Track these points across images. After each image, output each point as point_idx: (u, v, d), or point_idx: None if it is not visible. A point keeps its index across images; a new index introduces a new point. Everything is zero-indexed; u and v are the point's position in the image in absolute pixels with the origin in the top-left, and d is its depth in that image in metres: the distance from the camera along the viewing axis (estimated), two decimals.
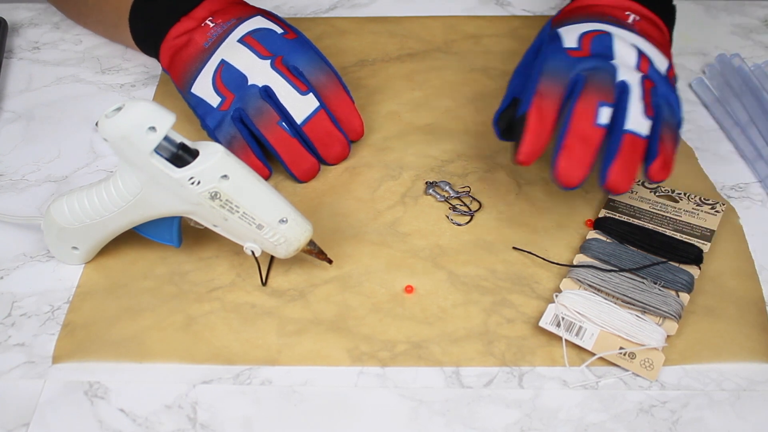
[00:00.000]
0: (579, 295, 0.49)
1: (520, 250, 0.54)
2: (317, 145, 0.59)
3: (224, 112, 0.58)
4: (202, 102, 0.60)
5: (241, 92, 0.58)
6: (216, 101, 0.59)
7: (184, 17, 0.62)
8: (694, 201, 0.57)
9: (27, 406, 0.44)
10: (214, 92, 0.59)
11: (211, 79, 0.59)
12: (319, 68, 0.60)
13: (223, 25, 0.61)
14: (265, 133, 0.57)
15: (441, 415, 0.44)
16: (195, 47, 0.61)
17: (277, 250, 0.49)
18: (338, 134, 0.59)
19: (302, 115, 0.57)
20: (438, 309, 0.50)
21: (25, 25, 0.82)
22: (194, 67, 0.61)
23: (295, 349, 0.47)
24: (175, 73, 0.62)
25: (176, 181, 0.45)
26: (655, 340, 0.46)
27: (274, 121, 0.57)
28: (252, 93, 0.58)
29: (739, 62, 0.73)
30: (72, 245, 0.51)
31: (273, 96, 0.57)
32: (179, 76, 0.62)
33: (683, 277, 0.51)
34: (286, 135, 0.57)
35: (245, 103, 0.57)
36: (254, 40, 0.60)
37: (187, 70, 0.61)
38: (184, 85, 0.61)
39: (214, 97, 0.59)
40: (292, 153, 0.58)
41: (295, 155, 0.58)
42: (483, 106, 0.69)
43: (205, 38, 0.61)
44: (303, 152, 0.58)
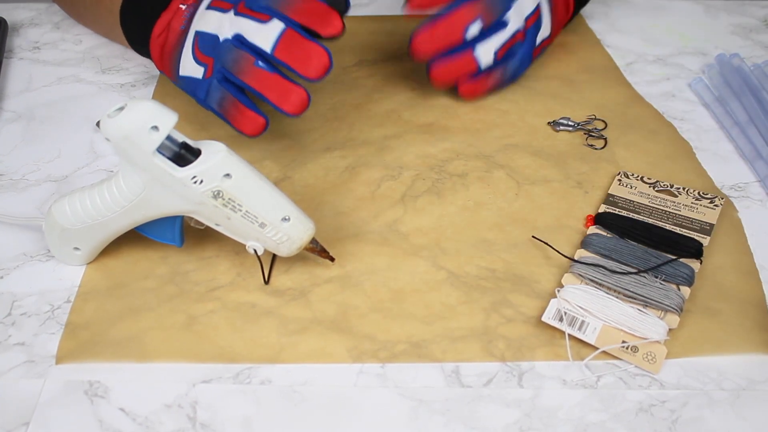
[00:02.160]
0: (581, 289, 0.49)
1: (538, 240, 0.54)
2: (294, 66, 0.55)
3: (209, 78, 0.57)
4: (190, 80, 0.59)
5: (217, 51, 0.57)
6: (200, 72, 0.58)
7: (163, 12, 0.62)
8: (693, 195, 0.58)
9: (27, 405, 0.44)
10: (197, 64, 0.58)
11: (191, 53, 0.59)
12: None
13: (194, 4, 0.61)
14: (245, 79, 0.55)
15: (441, 415, 0.44)
16: (174, 34, 0.61)
17: (279, 249, 0.49)
18: (311, 45, 0.55)
19: (269, 42, 0.54)
20: (438, 308, 0.50)
21: (25, 25, 0.82)
22: (177, 52, 0.60)
23: (296, 348, 0.47)
24: (166, 67, 0.62)
25: (179, 181, 0.46)
26: (657, 334, 0.47)
27: (250, 63, 0.55)
28: (225, 47, 0.56)
29: (739, 62, 0.73)
30: (74, 246, 0.51)
31: (243, 40, 0.56)
32: (169, 68, 0.62)
33: (684, 270, 0.51)
34: (265, 73, 0.55)
35: (222, 59, 0.56)
36: (219, 1, 0.59)
37: (172, 58, 0.61)
38: (174, 73, 0.61)
39: (197, 69, 0.58)
40: (275, 89, 0.55)
41: (280, 90, 0.55)
42: (482, 105, 0.69)
43: (181, 22, 0.60)
44: (287, 85, 0.55)
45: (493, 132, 0.66)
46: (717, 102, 0.70)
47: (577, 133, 0.66)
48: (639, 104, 0.70)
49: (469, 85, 0.59)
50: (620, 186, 0.59)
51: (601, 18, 0.84)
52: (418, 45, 0.56)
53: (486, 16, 0.57)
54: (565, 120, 0.66)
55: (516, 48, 0.60)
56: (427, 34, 0.56)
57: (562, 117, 0.66)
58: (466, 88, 0.59)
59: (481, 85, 0.60)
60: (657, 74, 0.75)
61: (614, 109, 0.69)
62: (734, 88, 0.70)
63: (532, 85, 0.72)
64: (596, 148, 0.64)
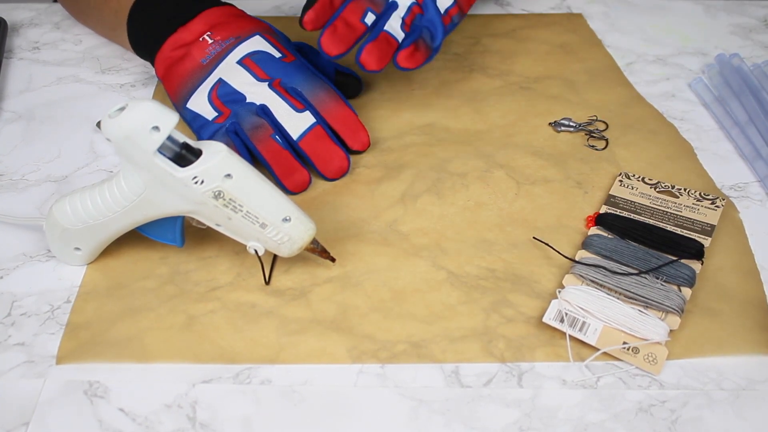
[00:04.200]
0: (582, 290, 0.49)
1: (539, 241, 0.54)
2: (315, 161, 0.58)
3: (220, 124, 0.59)
4: (197, 116, 0.60)
5: (238, 107, 0.59)
6: (212, 115, 0.59)
7: (181, 28, 0.62)
8: (694, 196, 0.58)
9: (27, 405, 0.44)
10: (211, 107, 0.60)
11: (208, 94, 0.60)
12: (317, 86, 0.60)
13: (222, 43, 0.62)
14: (258, 146, 0.57)
15: (440, 415, 0.44)
16: (192, 63, 0.61)
17: (280, 249, 0.49)
18: (336, 149, 0.59)
19: (298, 131, 0.58)
20: (438, 308, 0.50)
21: (25, 25, 0.82)
22: (191, 83, 0.61)
23: (296, 348, 0.47)
24: (170, 85, 0.63)
25: (180, 181, 0.46)
26: (658, 335, 0.47)
27: (267, 134, 0.57)
28: (248, 109, 0.58)
29: (739, 62, 0.73)
30: (75, 246, 0.51)
31: (269, 114, 0.58)
32: (174, 89, 0.62)
33: (685, 271, 0.51)
34: (277, 147, 0.58)
35: (241, 117, 0.58)
36: (253, 63, 0.61)
37: (183, 84, 0.61)
38: (180, 99, 0.62)
39: (210, 112, 0.60)
40: (283, 165, 0.58)
41: (287, 167, 0.58)
42: (483, 105, 0.69)
43: (203, 55, 0.61)
44: (294, 164, 0.58)
45: (494, 132, 0.66)
46: (717, 102, 0.70)
47: (578, 133, 0.66)
48: (639, 104, 0.70)
49: (403, 52, 0.60)
50: (621, 187, 0.59)
51: (601, 18, 0.84)
52: (326, 47, 0.59)
53: (372, 4, 0.61)
54: (566, 121, 0.66)
55: (418, 20, 0.63)
56: (329, 34, 0.59)
57: (564, 118, 0.66)
58: (401, 55, 0.60)
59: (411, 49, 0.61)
60: (657, 74, 0.75)
61: (615, 110, 0.69)
62: (734, 88, 0.70)
63: (533, 85, 0.72)
64: (597, 149, 0.64)
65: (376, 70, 0.60)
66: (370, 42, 0.60)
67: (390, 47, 0.61)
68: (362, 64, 0.60)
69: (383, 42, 0.60)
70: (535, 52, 0.77)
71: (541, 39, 0.80)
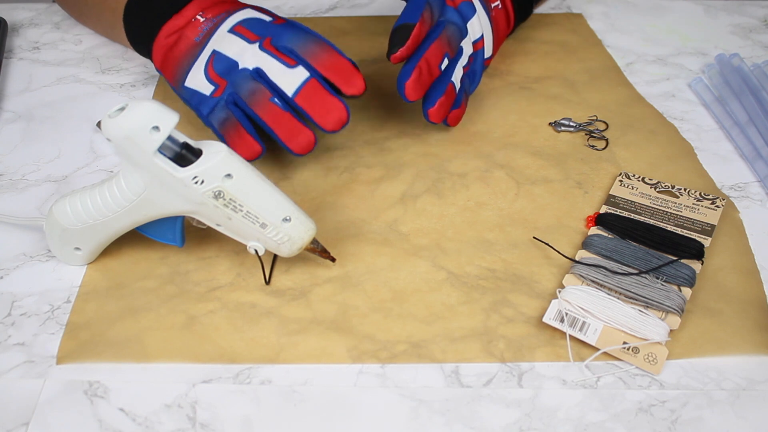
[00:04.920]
0: (582, 290, 0.49)
1: (539, 241, 0.54)
2: (313, 115, 0.57)
3: (218, 98, 0.58)
4: (195, 93, 0.60)
5: (233, 77, 0.58)
6: (209, 89, 0.59)
7: (175, 15, 0.62)
8: (694, 196, 0.58)
9: (27, 405, 0.44)
10: (207, 81, 0.59)
11: (203, 69, 0.60)
12: (308, 40, 0.59)
13: (213, 19, 0.61)
14: (258, 111, 0.57)
15: (441, 415, 0.44)
16: (186, 43, 0.61)
17: (280, 249, 0.49)
18: (333, 99, 0.57)
19: (292, 87, 0.57)
20: (438, 308, 0.50)
21: (25, 25, 0.82)
22: (186, 62, 0.61)
23: (296, 348, 0.47)
24: (168, 70, 0.63)
25: (180, 181, 0.46)
26: (658, 335, 0.47)
27: (266, 98, 0.57)
28: (243, 76, 0.58)
29: (739, 62, 0.73)
30: (75, 246, 0.51)
31: (264, 76, 0.57)
32: (172, 73, 0.62)
33: (685, 271, 0.51)
34: (278, 110, 0.56)
35: (237, 86, 0.58)
36: (244, 29, 0.60)
37: (179, 65, 0.61)
38: (177, 80, 0.61)
39: (207, 87, 0.59)
40: (286, 127, 0.56)
41: (290, 129, 0.56)
42: (482, 105, 0.69)
43: (196, 33, 0.61)
44: (297, 125, 0.57)
45: (494, 132, 0.66)
46: (717, 102, 0.70)
47: (578, 133, 0.66)
48: (640, 104, 0.70)
49: (456, 112, 0.64)
50: (621, 187, 0.59)
51: (601, 18, 0.84)
52: (410, 92, 0.59)
53: (450, 50, 0.62)
54: (566, 121, 0.66)
55: (473, 66, 0.66)
56: (415, 81, 0.59)
57: (564, 118, 0.66)
58: (453, 116, 0.64)
59: (461, 109, 0.64)
60: (657, 74, 0.75)
61: (615, 110, 0.69)
62: (734, 88, 0.70)
63: (533, 85, 0.72)
64: (598, 149, 0.64)
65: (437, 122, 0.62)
66: (443, 95, 0.61)
67: (451, 97, 0.62)
68: (432, 118, 0.61)
69: (449, 94, 0.62)
70: (535, 52, 0.77)
71: (541, 39, 0.80)
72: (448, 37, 0.62)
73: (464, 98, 0.64)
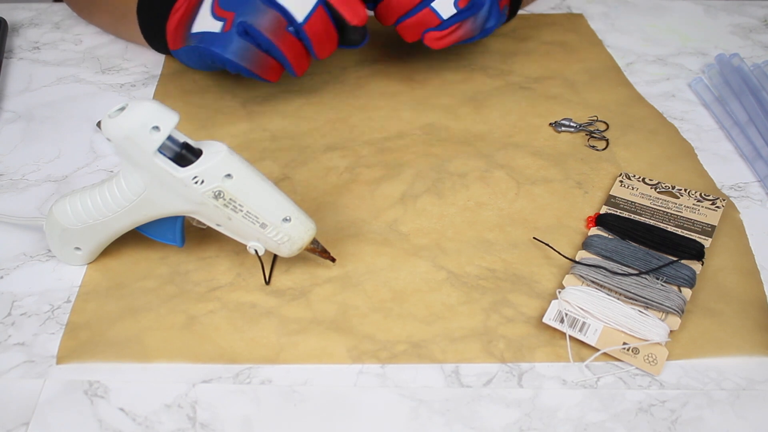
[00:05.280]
0: (582, 291, 0.49)
1: (539, 241, 0.54)
2: (313, 43, 0.59)
3: (228, 31, 0.58)
4: (203, 34, 0.59)
5: (240, 6, 0.57)
6: (218, 26, 0.58)
7: None
8: (694, 197, 0.58)
9: (27, 405, 0.44)
10: (215, 19, 0.58)
11: (210, 9, 0.59)
12: None
13: None
14: (275, 40, 0.57)
15: (441, 415, 0.44)
16: (190, 3, 0.61)
17: (280, 249, 0.49)
18: (333, 33, 0.60)
19: (303, 12, 0.57)
20: (438, 308, 0.50)
21: (25, 25, 0.82)
22: (193, 14, 0.60)
23: (296, 348, 0.47)
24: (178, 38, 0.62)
25: (180, 181, 0.46)
26: (658, 336, 0.47)
27: (282, 27, 0.57)
28: (251, 3, 0.57)
29: (739, 62, 0.73)
30: (75, 246, 0.51)
31: (273, 1, 0.57)
32: (182, 36, 0.62)
33: (685, 272, 0.51)
34: (293, 39, 0.58)
35: (248, 15, 0.57)
36: None
37: (188, 22, 0.61)
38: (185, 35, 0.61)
39: (215, 25, 0.58)
40: (296, 55, 0.59)
41: (298, 56, 0.59)
42: (483, 105, 0.69)
43: None
44: (304, 53, 0.59)
45: (494, 132, 0.66)
46: (717, 102, 0.70)
47: (578, 134, 0.66)
48: (640, 104, 0.70)
49: (433, 33, 0.62)
50: (621, 187, 0.59)
51: (601, 18, 0.84)
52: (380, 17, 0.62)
53: None
54: (566, 121, 0.66)
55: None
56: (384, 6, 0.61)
57: (564, 118, 0.66)
58: (429, 36, 0.62)
59: (447, 33, 0.62)
60: (657, 74, 0.75)
61: (615, 110, 0.69)
62: (734, 88, 0.70)
63: (533, 85, 0.72)
64: (598, 150, 0.64)
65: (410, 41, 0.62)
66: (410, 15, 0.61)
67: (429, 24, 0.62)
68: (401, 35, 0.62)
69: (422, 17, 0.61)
70: (535, 52, 0.77)
71: (541, 39, 0.80)
72: None
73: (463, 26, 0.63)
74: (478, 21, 0.64)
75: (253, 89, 0.71)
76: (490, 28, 0.65)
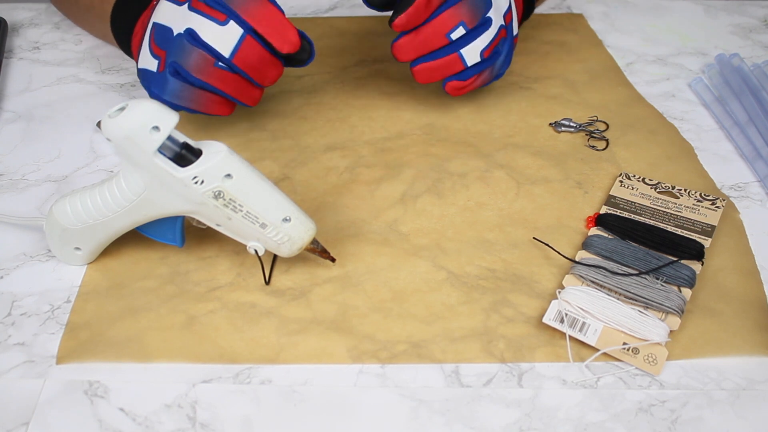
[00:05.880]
0: (582, 291, 0.49)
1: (539, 241, 0.54)
2: (251, 74, 0.56)
3: (162, 72, 0.56)
4: (146, 72, 0.58)
5: (169, 45, 0.56)
6: (154, 65, 0.57)
7: (144, 11, 0.61)
8: (694, 197, 0.58)
9: (27, 405, 0.44)
10: (152, 56, 0.57)
11: (148, 45, 0.58)
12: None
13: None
14: (206, 79, 0.55)
15: (441, 415, 0.44)
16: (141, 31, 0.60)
17: (280, 249, 0.49)
18: (270, 58, 0.56)
19: (228, 47, 0.54)
20: (438, 308, 0.50)
21: (25, 25, 0.82)
22: (140, 45, 0.59)
23: (296, 348, 0.47)
24: None
25: (180, 181, 0.46)
26: (658, 336, 0.47)
27: (210, 64, 0.55)
28: (178, 42, 0.55)
29: (739, 62, 0.73)
30: (75, 246, 0.51)
31: (197, 38, 0.54)
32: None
33: (685, 272, 0.51)
34: (226, 74, 0.55)
35: (176, 55, 0.55)
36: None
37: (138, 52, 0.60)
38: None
39: (152, 62, 0.57)
40: (236, 88, 0.57)
41: (239, 88, 0.57)
42: (483, 105, 0.69)
43: (150, 12, 0.60)
44: (245, 84, 0.57)
45: (494, 132, 0.66)
46: (717, 102, 0.70)
47: (578, 134, 0.66)
48: (640, 104, 0.70)
49: (456, 83, 0.61)
50: (621, 187, 0.59)
51: (601, 18, 0.84)
52: (398, 52, 0.59)
53: (469, 19, 0.59)
54: (566, 121, 0.66)
55: (500, 46, 0.62)
56: (406, 41, 0.59)
57: (564, 118, 0.66)
58: (451, 85, 0.61)
59: (469, 83, 0.62)
60: (657, 74, 0.75)
61: (615, 110, 0.69)
62: (734, 88, 0.70)
63: (533, 85, 0.72)
64: (598, 150, 0.64)
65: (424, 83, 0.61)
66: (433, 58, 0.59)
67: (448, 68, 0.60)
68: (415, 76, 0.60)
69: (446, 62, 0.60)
70: (535, 52, 0.77)
71: (541, 39, 0.80)
72: (468, 6, 0.59)
73: (483, 74, 0.62)
74: (496, 68, 0.64)
75: None
76: (503, 72, 0.65)
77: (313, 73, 0.74)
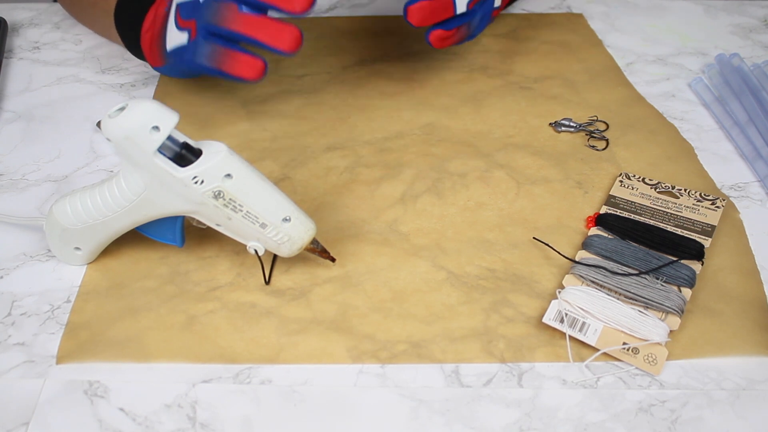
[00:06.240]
0: (582, 291, 0.49)
1: (539, 241, 0.54)
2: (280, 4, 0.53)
3: (195, 39, 0.56)
4: (177, 50, 0.58)
5: (198, 13, 0.56)
6: (185, 38, 0.57)
7: (150, 7, 0.62)
8: (694, 197, 0.58)
9: (27, 405, 0.44)
10: (180, 31, 0.57)
11: (174, 24, 0.58)
12: None
13: None
14: (233, 26, 0.54)
15: (441, 415, 0.44)
16: (160, 20, 0.60)
17: (280, 249, 0.49)
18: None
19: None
20: (438, 308, 0.50)
21: (25, 25, 0.82)
22: (162, 32, 0.60)
23: (296, 348, 0.47)
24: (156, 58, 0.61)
25: (180, 181, 0.46)
26: (658, 336, 0.47)
27: (234, 10, 0.54)
28: (204, 5, 0.55)
29: (739, 62, 0.73)
30: (75, 246, 0.51)
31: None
32: (159, 56, 0.61)
33: (685, 272, 0.51)
34: (251, 16, 0.54)
35: (205, 17, 0.55)
36: None
37: (161, 43, 0.60)
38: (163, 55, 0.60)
39: (182, 37, 0.57)
40: (266, 30, 0.54)
41: (271, 30, 0.54)
42: (483, 105, 0.69)
43: (165, 5, 0.60)
44: (276, 24, 0.53)
45: (494, 132, 0.66)
46: (717, 102, 0.70)
47: (578, 134, 0.66)
48: (640, 104, 0.70)
49: (440, 32, 0.62)
50: (621, 187, 0.59)
51: (601, 18, 0.84)
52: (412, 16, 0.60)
53: None
54: (566, 121, 0.66)
55: (478, 5, 0.64)
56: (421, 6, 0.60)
57: (564, 118, 0.66)
58: (436, 34, 0.62)
59: (452, 34, 0.63)
60: (657, 74, 0.75)
61: (615, 110, 0.69)
62: (734, 88, 0.70)
63: (533, 85, 0.72)
64: (598, 150, 0.64)
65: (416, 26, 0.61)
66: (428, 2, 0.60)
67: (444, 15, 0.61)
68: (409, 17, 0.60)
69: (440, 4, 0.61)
70: (535, 52, 0.77)
71: (541, 39, 0.80)
72: None
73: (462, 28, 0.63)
74: (471, 26, 0.65)
75: (253, 89, 0.71)
76: (476, 33, 0.67)
77: (313, 73, 0.74)
